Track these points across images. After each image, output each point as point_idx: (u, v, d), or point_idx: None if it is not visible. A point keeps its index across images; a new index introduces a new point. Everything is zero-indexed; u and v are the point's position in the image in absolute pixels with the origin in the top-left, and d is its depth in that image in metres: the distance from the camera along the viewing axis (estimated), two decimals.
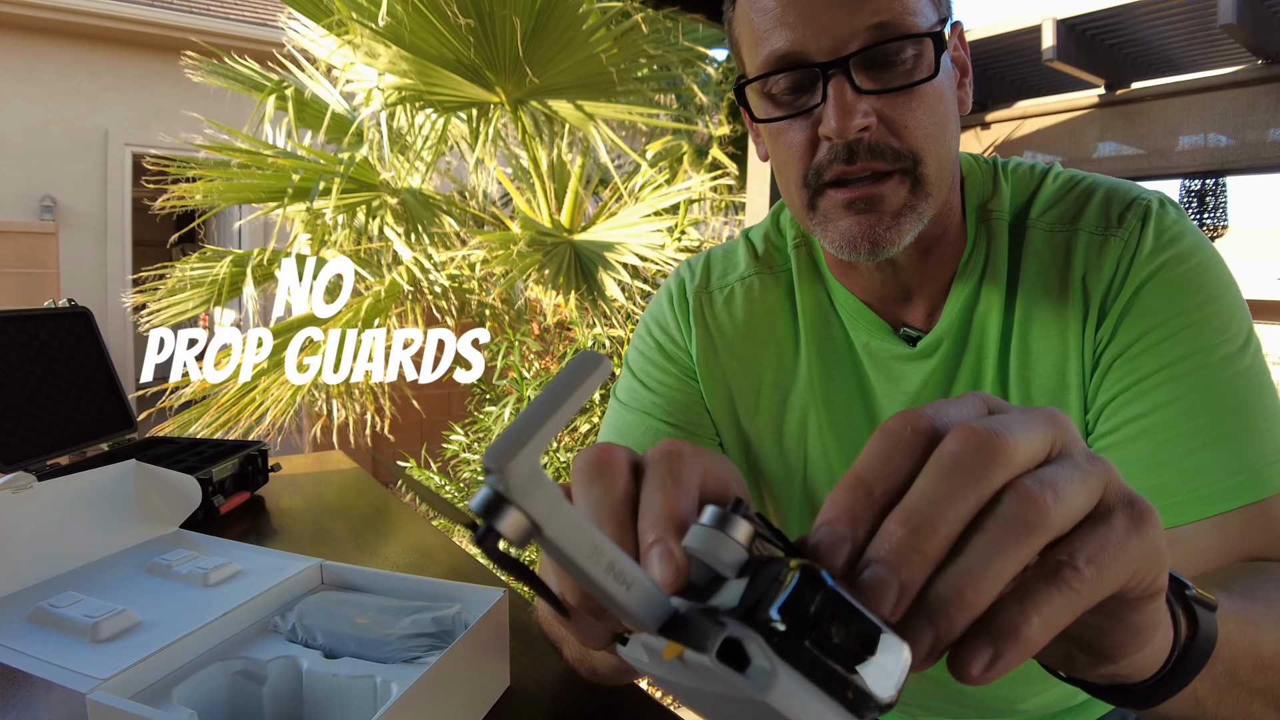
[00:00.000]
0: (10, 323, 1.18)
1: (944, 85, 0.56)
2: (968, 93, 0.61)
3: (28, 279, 4.21)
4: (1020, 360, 0.61)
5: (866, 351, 0.66)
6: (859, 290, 0.65)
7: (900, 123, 0.53)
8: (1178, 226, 0.58)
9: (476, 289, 2.97)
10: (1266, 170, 2.09)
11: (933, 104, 0.54)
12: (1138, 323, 0.56)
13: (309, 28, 2.67)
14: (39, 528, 0.82)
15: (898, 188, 0.55)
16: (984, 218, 0.63)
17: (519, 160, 3.19)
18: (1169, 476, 0.53)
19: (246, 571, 0.81)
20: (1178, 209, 0.60)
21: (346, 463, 1.48)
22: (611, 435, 0.71)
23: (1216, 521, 0.51)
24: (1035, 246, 0.61)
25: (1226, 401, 0.53)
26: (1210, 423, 0.52)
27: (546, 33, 2.38)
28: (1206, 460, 0.52)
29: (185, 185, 2.66)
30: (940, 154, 0.56)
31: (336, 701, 0.60)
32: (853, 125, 0.52)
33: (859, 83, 0.52)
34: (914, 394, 0.64)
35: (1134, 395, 0.55)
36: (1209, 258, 0.57)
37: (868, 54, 0.52)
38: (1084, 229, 0.59)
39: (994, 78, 2.64)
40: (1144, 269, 0.56)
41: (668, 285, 0.74)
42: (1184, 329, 0.54)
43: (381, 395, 2.99)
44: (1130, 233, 0.58)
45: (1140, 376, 0.55)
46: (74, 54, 5.60)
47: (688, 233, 2.71)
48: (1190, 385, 0.53)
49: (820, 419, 0.67)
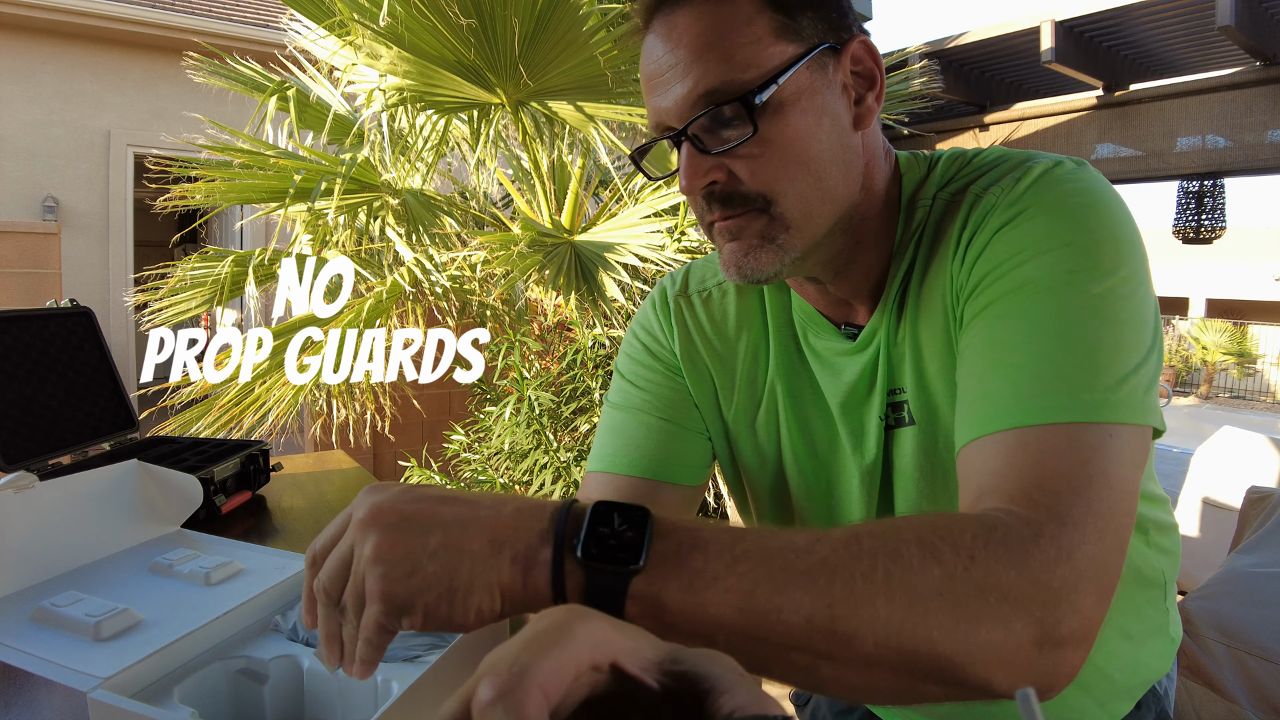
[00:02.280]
0: (13, 323, 1.18)
1: (806, 119, 0.57)
2: (873, 105, 0.62)
3: (30, 279, 4.21)
4: (912, 328, 0.63)
5: (812, 351, 0.71)
6: (808, 298, 0.70)
7: (746, 172, 0.58)
8: (1063, 172, 0.57)
9: (477, 289, 2.97)
10: (1264, 171, 2.09)
11: (785, 144, 0.57)
12: (993, 255, 0.56)
13: (310, 29, 2.68)
14: (41, 527, 0.82)
15: (754, 221, 0.59)
16: (910, 210, 0.65)
17: (520, 161, 3.20)
18: (967, 394, 0.54)
19: (248, 570, 0.82)
20: (1081, 165, 0.59)
21: (348, 462, 1.49)
22: (607, 435, 0.74)
23: (976, 447, 0.50)
24: (933, 215, 0.63)
25: (1037, 329, 0.51)
26: (1045, 336, 0.51)
27: (547, 34, 2.38)
28: (989, 387, 0.51)
29: (187, 186, 2.67)
30: (801, 189, 0.58)
31: (337, 700, 0.61)
32: (697, 184, 0.58)
33: (706, 144, 0.58)
34: (851, 384, 0.68)
35: (967, 328, 0.57)
36: (1090, 201, 0.55)
37: (701, 120, 0.57)
38: (972, 191, 0.61)
39: (992, 79, 2.65)
40: (1011, 208, 0.56)
41: (652, 295, 0.81)
42: (1031, 260, 0.53)
43: (382, 395, 2.99)
44: (1009, 182, 0.58)
45: (975, 311, 0.56)
46: (76, 55, 5.62)
47: (687, 233, 2.72)
48: (1003, 313, 0.53)
49: (786, 411, 0.72)
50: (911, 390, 0.64)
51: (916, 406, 0.64)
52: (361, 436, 3.05)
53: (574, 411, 2.92)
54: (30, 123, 5.47)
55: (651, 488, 0.70)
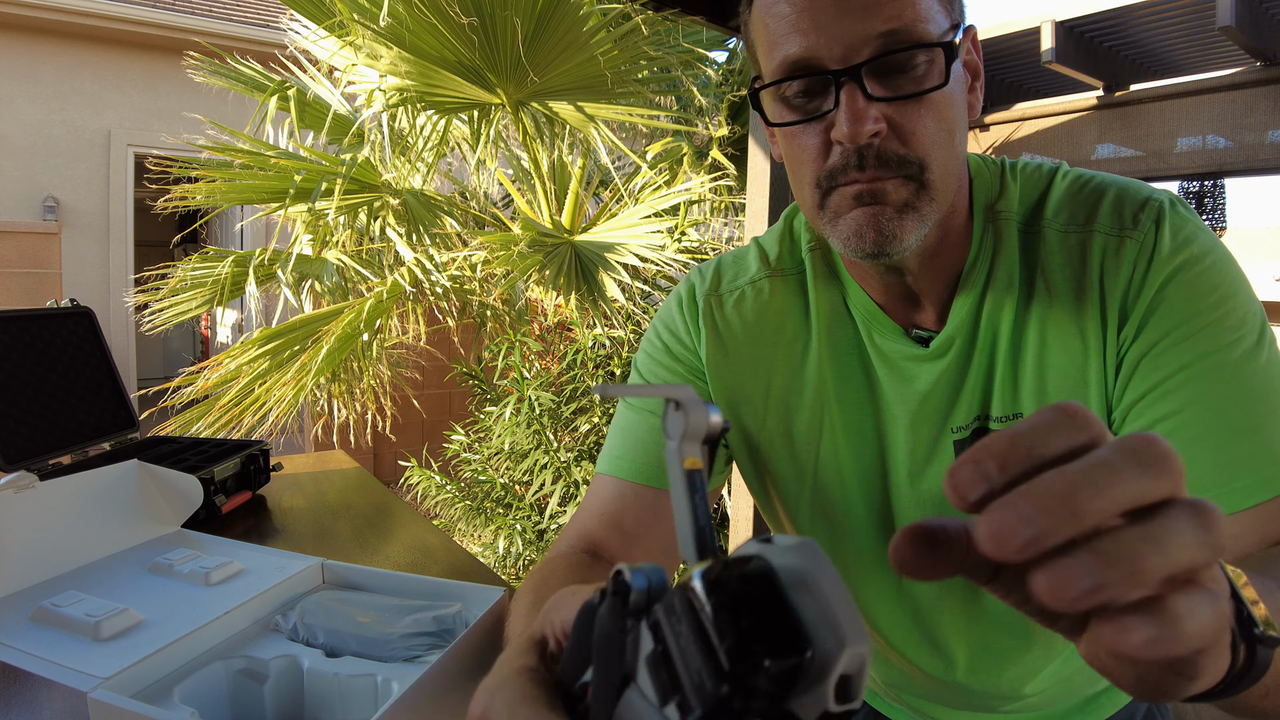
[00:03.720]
0: (13, 323, 1.18)
1: (954, 92, 0.57)
2: (978, 96, 0.62)
3: (30, 279, 4.21)
4: (1037, 360, 0.61)
5: (878, 353, 0.66)
6: (872, 292, 0.66)
7: (909, 129, 0.54)
8: (1191, 226, 0.59)
9: (478, 289, 2.98)
10: (1264, 172, 2.09)
11: (941, 111, 0.55)
12: (1161, 323, 0.57)
13: (310, 29, 2.68)
14: (41, 527, 0.82)
15: (901, 188, 0.56)
16: (991, 218, 0.64)
17: (520, 161, 3.20)
18: (1203, 472, 0.54)
19: (248, 571, 0.82)
20: (1188, 208, 0.61)
21: (348, 462, 1.49)
22: (616, 435, 0.72)
23: (1251, 513, 0.53)
24: (1050, 247, 0.62)
25: (1249, 396, 0.54)
26: (1236, 418, 0.54)
27: (547, 34, 2.38)
28: (1235, 454, 0.53)
29: (187, 186, 2.67)
30: (946, 160, 0.57)
31: (338, 700, 0.61)
32: (864, 131, 0.53)
33: (870, 90, 0.53)
34: (925, 393, 0.64)
35: (1160, 394, 0.56)
36: (1222, 256, 0.59)
37: (878, 62, 0.53)
38: (1099, 230, 0.60)
39: (993, 80, 2.65)
40: (1163, 270, 0.57)
41: (678, 290, 0.76)
42: (1204, 328, 0.56)
43: (383, 395, 2.99)
44: (1145, 234, 0.59)
45: (1164, 375, 0.56)
46: (77, 55, 5.62)
47: (688, 234, 2.72)
48: (1213, 382, 0.55)
49: (832, 418, 0.68)
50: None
51: None
52: (362, 436, 3.05)
53: (574, 411, 2.92)
54: (30, 123, 5.47)
55: (655, 496, 0.69)
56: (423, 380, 4.66)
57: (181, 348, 8.32)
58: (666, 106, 3.31)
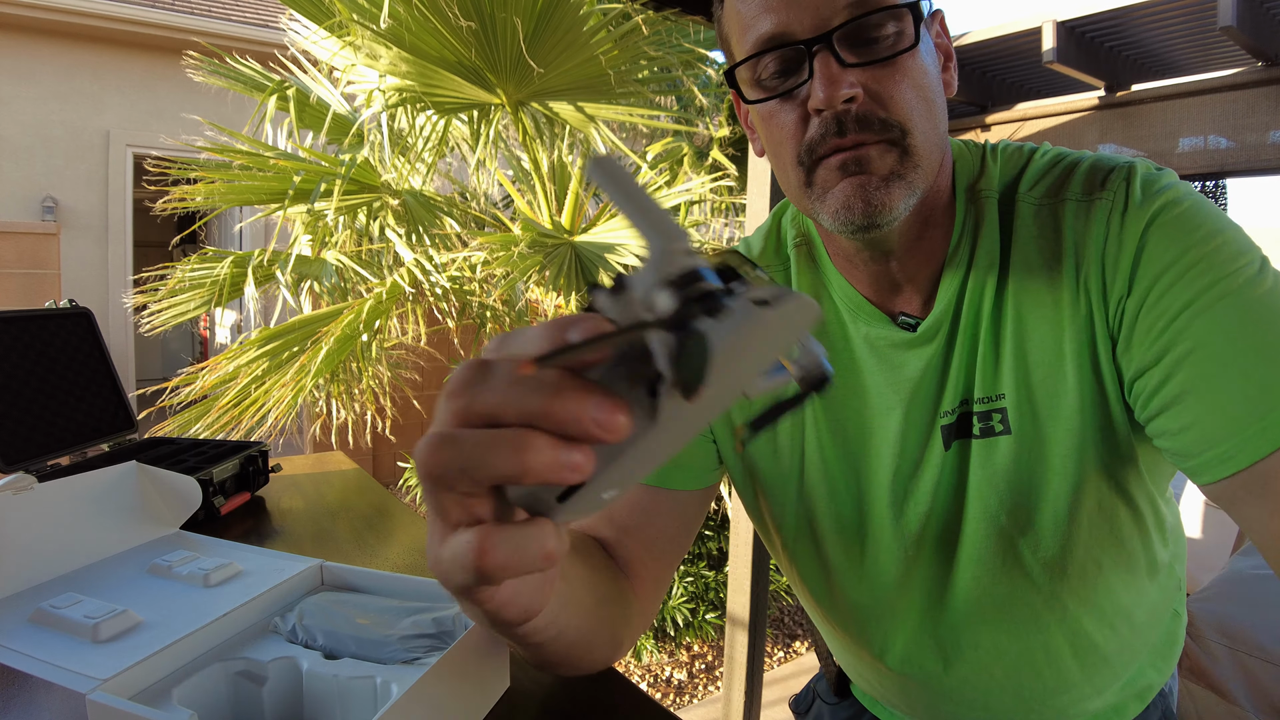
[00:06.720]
0: (11, 323, 1.18)
1: (927, 60, 0.57)
2: (953, 76, 0.62)
3: (29, 279, 4.21)
4: (1016, 336, 0.61)
5: (866, 342, 0.66)
6: (858, 283, 0.66)
7: (886, 94, 0.55)
8: (1164, 178, 0.58)
9: (477, 290, 2.97)
10: (1266, 172, 2.09)
11: (917, 77, 0.56)
12: (1150, 268, 0.55)
13: (310, 29, 2.68)
14: (40, 528, 0.82)
15: (885, 154, 0.55)
16: (972, 198, 0.63)
17: (520, 162, 3.20)
18: (1235, 409, 0.50)
19: (247, 572, 0.81)
20: (1162, 170, 0.60)
21: (347, 463, 1.48)
22: None
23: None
24: (1023, 220, 0.61)
25: (1264, 319, 0.51)
26: (1257, 342, 0.51)
27: (547, 34, 2.38)
28: (1266, 378, 0.50)
29: (186, 187, 2.67)
30: (926, 128, 0.56)
31: (337, 702, 0.61)
32: (839, 95, 0.53)
33: (843, 56, 0.54)
34: (916, 380, 0.64)
35: (1171, 338, 0.54)
36: (1203, 200, 0.57)
37: (850, 28, 0.54)
38: (1069, 198, 0.60)
39: (994, 80, 2.64)
40: (1140, 219, 0.56)
41: None
42: (1199, 262, 0.53)
43: (382, 396, 2.99)
44: (1115, 192, 0.58)
45: (1170, 318, 0.54)
46: (76, 55, 5.62)
47: (688, 234, 2.72)
48: (1224, 310, 0.52)
49: (816, 414, 0.68)
50: (1013, 398, 0.61)
51: (1017, 416, 0.61)
52: (361, 437, 3.05)
53: None
54: (30, 123, 5.47)
55: (648, 495, 0.68)
56: (422, 381, 4.65)
57: (180, 348, 8.32)
58: (667, 106, 3.31)
